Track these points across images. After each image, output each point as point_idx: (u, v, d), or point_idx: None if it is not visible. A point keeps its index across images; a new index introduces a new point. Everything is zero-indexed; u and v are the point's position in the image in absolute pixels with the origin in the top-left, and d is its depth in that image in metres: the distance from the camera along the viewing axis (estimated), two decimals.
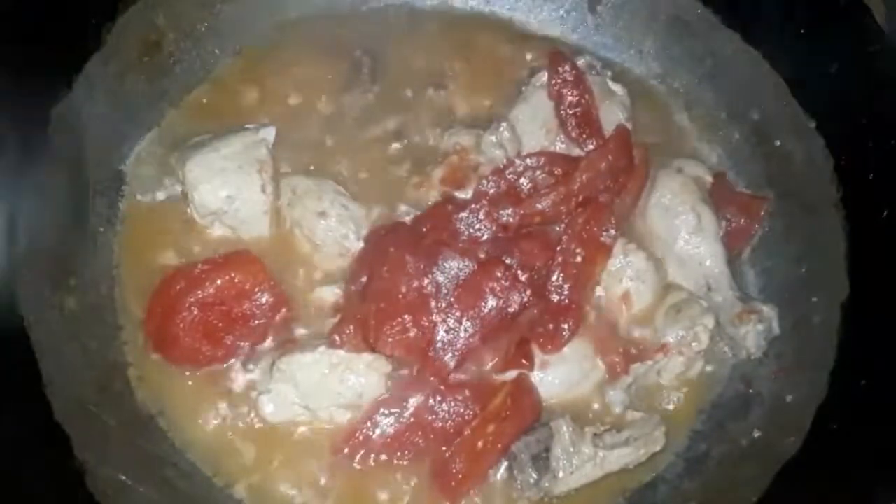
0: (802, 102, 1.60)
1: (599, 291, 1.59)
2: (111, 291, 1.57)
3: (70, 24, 1.52)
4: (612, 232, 1.55)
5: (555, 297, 1.52)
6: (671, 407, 1.57)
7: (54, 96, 1.49)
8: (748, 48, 1.66)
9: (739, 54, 1.68)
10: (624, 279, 1.57)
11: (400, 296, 1.45)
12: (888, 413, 1.36)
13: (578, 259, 1.53)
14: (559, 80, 1.66)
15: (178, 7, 1.67)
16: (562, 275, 1.52)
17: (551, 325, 1.50)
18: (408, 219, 1.62)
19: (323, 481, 1.48)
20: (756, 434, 1.51)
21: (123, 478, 1.38)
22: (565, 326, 1.50)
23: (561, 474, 1.43)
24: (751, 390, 1.56)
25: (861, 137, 1.51)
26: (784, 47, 1.62)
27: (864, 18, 1.52)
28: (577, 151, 1.65)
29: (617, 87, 1.71)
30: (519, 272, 1.50)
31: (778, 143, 1.67)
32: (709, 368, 1.60)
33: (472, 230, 1.54)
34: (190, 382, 1.52)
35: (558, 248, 1.53)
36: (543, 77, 1.69)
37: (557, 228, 1.58)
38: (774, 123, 1.66)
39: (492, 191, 1.58)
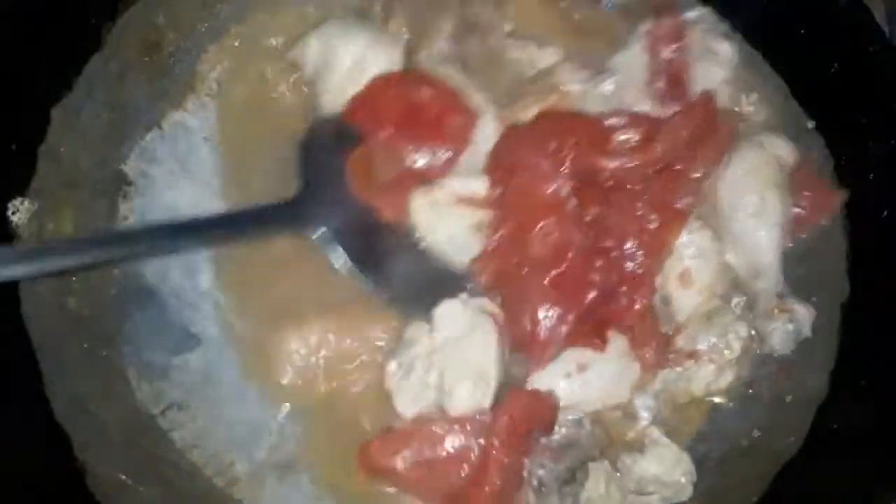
0: (802, 102, 1.60)
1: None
2: (111, 291, 1.57)
3: (70, 24, 1.51)
4: (689, 199, 1.49)
5: (629, 266, 1.46)
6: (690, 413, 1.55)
7: (54, 96, 1.49)
8: (748, 48, 1.66)
9: (739, 54, 1.68)
10: (685, 257, 1.50)
11: (538, 207, 1.45)
12: (888, 413, 1.36)
13: (654, 225, 1.47)
14: (658, 33, 1.60)
15: (178, 7, 1.66)
16: (637, 242, 1.47)
17: (624, 299, 1.45)
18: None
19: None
20: (756, 434, 1.51)
21: (123, 478, 1.38)
22: (637, 298, 1.45)
23: None
24: (751, 390, 1.56)
25: (861, 137, 1.51)
26: (784, 47, 1.62)
27: (864, 18, 1.52)
28: (664, 110, 1.58)
29: (723, 47, 1.62)
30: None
31: None
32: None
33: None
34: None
35: (636, 215, 1.48)
36: (647, 26, 1.62)
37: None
38: (774, 123, 1.66)
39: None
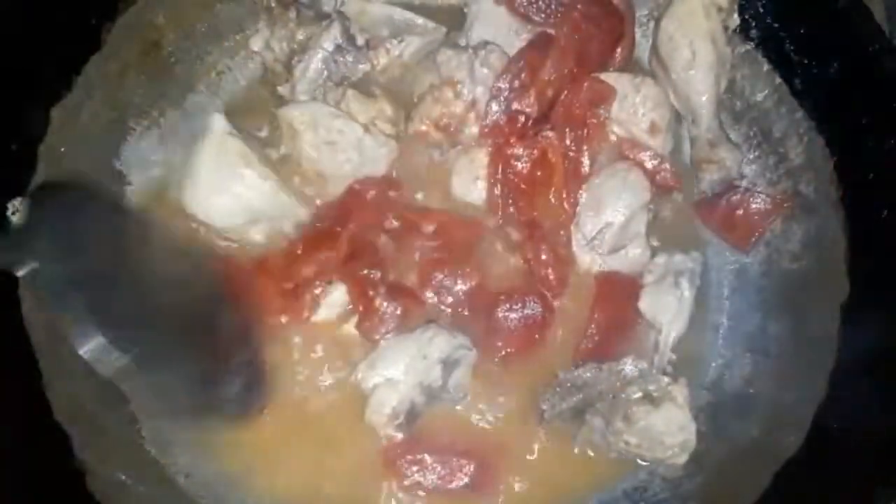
0: (802, 102, 1.60)
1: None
2: None
3: (70, 24, 1.52)
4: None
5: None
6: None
7: (54, 96, 1.49)
8: (748, 48, 1.66)
9: (739, 54, 1.68)
10: (647, 110, 1.61)
11: None
12: (888, 413, 1.36)
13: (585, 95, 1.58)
14: None
15: (178, 7, 1.66)
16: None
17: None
18: None
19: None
20: (756, 434, 1.51)
21: (123, 478, 1.38)
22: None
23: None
24: (751, 390, 1.56)
25: (861, 137, 1.51)
26: (784, 47, 1.62)
27: (864, 18, 1.52)
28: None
29: None
30: None
31: (778, 143, 1.67)
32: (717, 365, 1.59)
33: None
34: None
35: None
36: None
37: None
38: (775, 123, 1.66)
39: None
